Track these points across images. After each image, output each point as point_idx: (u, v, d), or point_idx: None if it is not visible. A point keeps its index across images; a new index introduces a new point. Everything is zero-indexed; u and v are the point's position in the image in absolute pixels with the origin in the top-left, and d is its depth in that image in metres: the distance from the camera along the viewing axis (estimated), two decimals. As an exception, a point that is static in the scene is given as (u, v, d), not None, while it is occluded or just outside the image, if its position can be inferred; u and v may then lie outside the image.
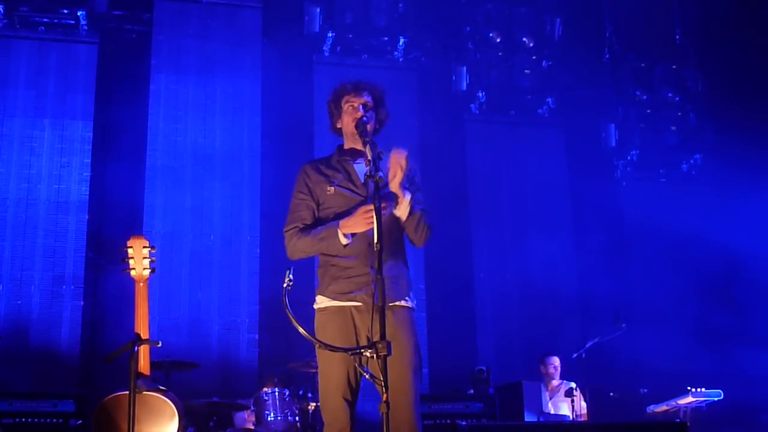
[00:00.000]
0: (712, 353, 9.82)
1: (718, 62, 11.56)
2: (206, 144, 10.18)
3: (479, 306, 10.92)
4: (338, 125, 4.65)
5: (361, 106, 4.49)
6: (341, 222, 4.31)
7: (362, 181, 4.44)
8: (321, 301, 4.44)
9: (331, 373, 4.30)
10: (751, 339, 9.89)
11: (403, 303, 4.41)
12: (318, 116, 10.07)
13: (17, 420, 7.00)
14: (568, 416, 8.49)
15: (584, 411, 8.52)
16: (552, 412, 8.83)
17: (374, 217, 3.88)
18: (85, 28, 10.20)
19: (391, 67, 11.06)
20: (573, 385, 8.64)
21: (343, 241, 4.31)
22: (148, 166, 9.99)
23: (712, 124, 11.70)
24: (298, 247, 4.46)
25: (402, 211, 4.36)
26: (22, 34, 10.11)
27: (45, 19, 10.17)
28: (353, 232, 4.29)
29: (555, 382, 9.14)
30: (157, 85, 10.23)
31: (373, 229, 3.89)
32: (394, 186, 4.26)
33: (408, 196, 4.33)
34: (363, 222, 4.21)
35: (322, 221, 4.49)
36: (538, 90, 11.45)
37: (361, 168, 4.50)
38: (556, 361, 9.18)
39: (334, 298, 4.39)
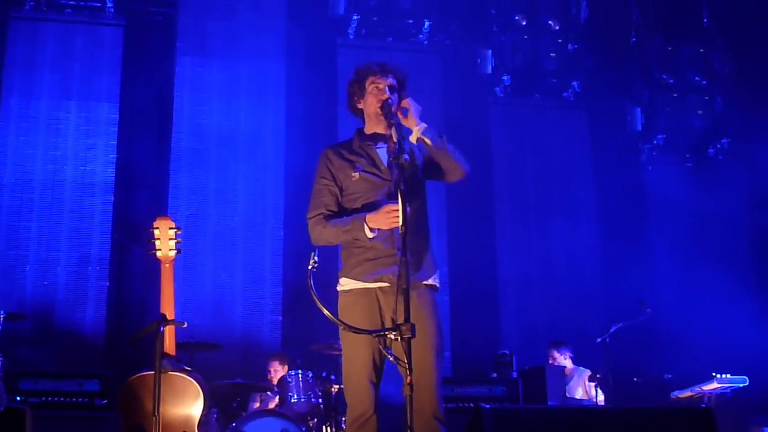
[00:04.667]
0: (739, 339, 9.74)
1: (746, 45, 11.44)
2: (231, 126, 10.20)
3: (502, 289, 10.89)
4: (359, 106, 4.61)
5: (387, 88, 4.46)
6: (368, 216, 4.27)
7: (386, 165, 4.43)
8: (346, 283, 4.43)
9: (355, 355, 4.30)
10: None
11: (429, 282, 4.41)
12: (342, 99, 9.92)
13: (43, 399, 7.05)
14: (591, 401, 8.47)
15: (601, 397, 8.46)
16: (568, 396, 8.82)
17: (399, 203, 3.87)
18: (111, 10, 10.25)
19: (415, 50, 11.02)
20: (588, 372, 8.63)
21: (369, 234, 4.28)
22: (173, 148, 10.04)
23: (738, 108, 11.60)
24: (322, 236, 4.44)
25: (422, 136, 4.35)
26: (49, 17, 10.15)
27: (71, 2, 10.22)
28: (378, 227, 4.27)
29: (568, 369, 9.11)
30: (182, 67, 10.26)
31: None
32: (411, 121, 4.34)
33: (423, 125, 4.36)
34: (386, 221, 4.18)
35: (346, 207, 4.47)
36: (563, 73, 11.39)
37: (383, 152, 4.46)
38: (554, 353, 9.16)
39: (360, 280, 4.37)
